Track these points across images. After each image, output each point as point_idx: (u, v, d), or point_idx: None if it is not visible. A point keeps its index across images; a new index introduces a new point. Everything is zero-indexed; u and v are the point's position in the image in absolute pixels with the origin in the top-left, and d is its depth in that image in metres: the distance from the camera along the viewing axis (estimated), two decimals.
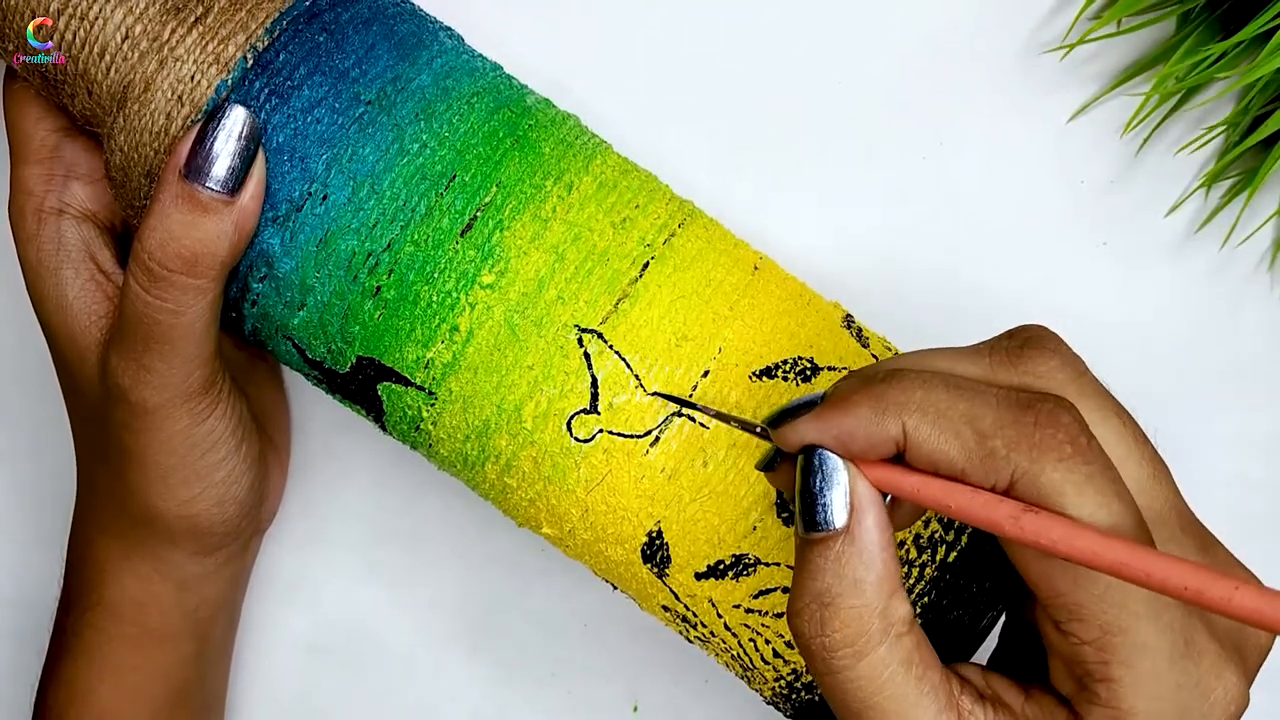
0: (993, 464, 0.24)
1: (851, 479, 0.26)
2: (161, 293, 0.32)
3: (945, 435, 0.25)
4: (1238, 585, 0.22)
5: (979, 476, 0.25)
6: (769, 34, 0.41)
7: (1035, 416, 0.24)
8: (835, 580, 0.26)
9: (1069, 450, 0.24)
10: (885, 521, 0.26)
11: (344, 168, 0.32)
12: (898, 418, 0.25)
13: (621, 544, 0.33)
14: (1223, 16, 0.38)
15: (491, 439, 0.33)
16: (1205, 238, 0.41)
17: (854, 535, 0.26)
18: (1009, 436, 0.24)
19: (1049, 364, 0.27)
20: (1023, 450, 0.24)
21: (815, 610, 0.26)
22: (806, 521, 0.26)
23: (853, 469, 0.26)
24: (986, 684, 0.28)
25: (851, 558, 0.26)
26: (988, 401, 0.25)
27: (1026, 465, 0.24)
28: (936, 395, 0.25)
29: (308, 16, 0.32)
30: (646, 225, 0.33)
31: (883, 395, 0.25)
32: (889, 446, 0.26)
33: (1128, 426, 0.27)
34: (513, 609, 0.45)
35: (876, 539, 0.26)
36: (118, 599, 0.40)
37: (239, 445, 0.38)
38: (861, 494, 0.26)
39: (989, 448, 0.24)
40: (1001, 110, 0.41)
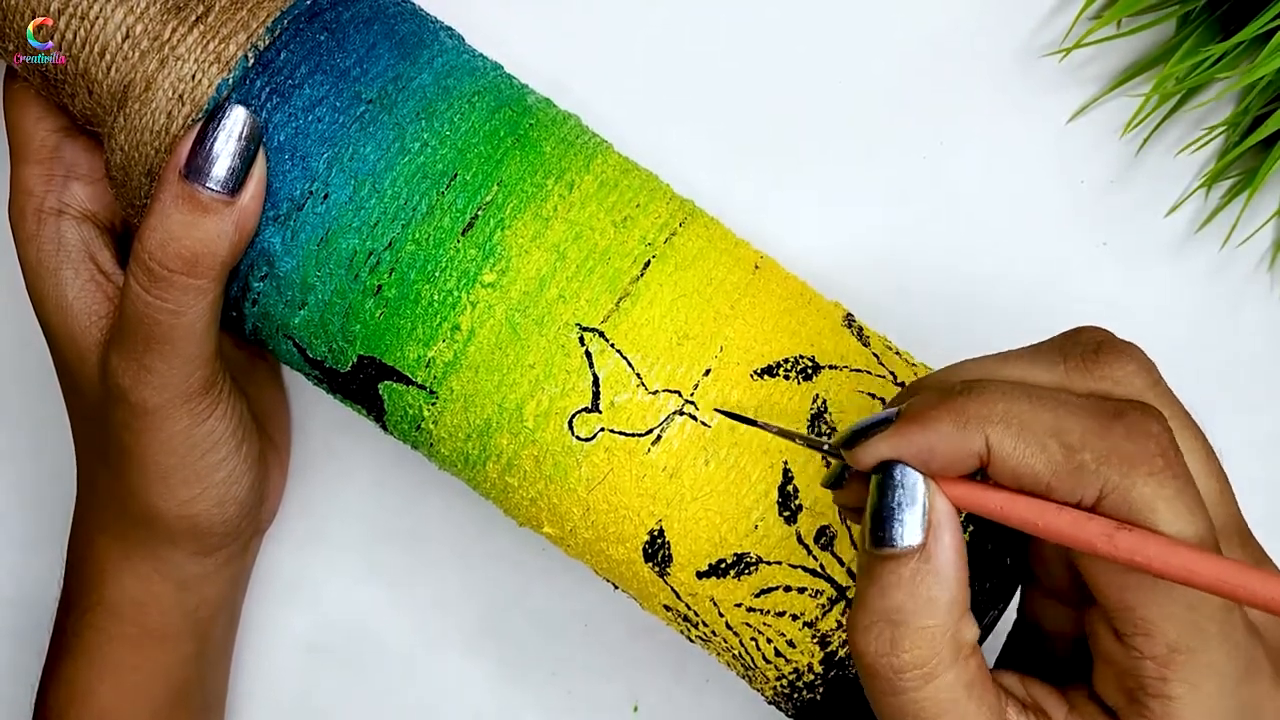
0: (1081, 478, 0.24)
1: (931, 496, 0.25)
2: (162, 293, 0.32)
3: (1031, 449, 0.24)
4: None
5: (1066, 491, 0.24)
6: (770, 34, 0.41)
7: (1125, 427, 0.24)
8: (909, 599, 0.25)
9: (1160, 464, 0.23)
10: (961, 542, 0.25)
11: (345, 166, 0.32)
12: (981, 431, 0.24)
13: (623, 543, 0.33)
14: (1222, 17, 0.38)
15: (493, 438, 0.33)
16: (1205, 238, 0.41)
17: (930, 554, 0.25)
18: (1098, 449, 0.24)
19: (1126, 369, 0.26)
20: (1113, 464, 0.23)
21: (884, 629, 0.25)
22: (877, 538, 0.25)
23: (933, 485, 0.25)
24: (1027, 692, 0.27)
25: (927, 576, 0.25)
26: (1074, 412, 0.24)
27: (1118, 480, 0.23)
28: (1020, 406, 0.24)
29: (309, 15, 0.32)
30: (648, 224, 0.33)
31: (964, 409, 0.25)
32: (972, 462, 0.25)
33: (1199, 440, 0.27)
34: (513, 608, 0.45)
35: (953, 559, 0.25)
36: (118, 599, 0.40)
37: (239, 445, 0.38)
38: (941, 511, 0.25)
39: (1078, 461, 0.24)
40: (1002, 110, 0.41)
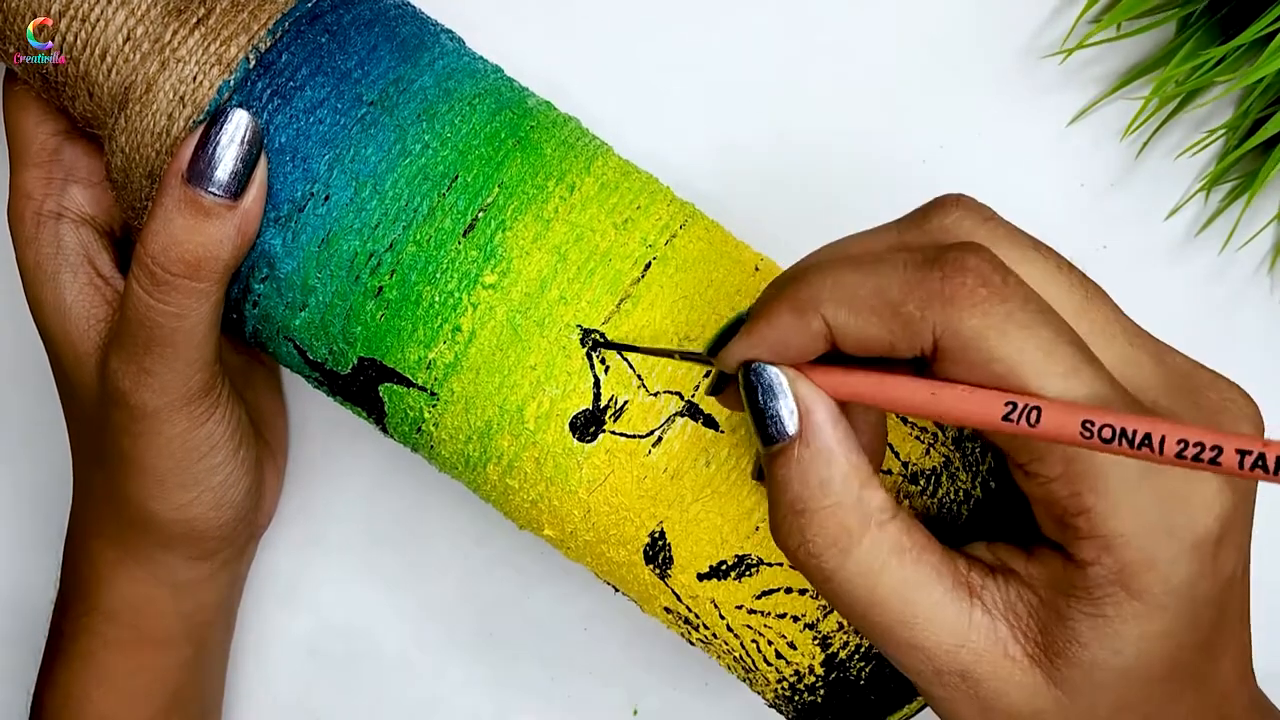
0: (912, 330, 0.24)
1: (792, 383, 0.26)
2: (164, 296, 0.32)
3: (862, 315, 0.24)
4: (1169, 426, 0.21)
5: (907, 346, 0.24)
6: (769, 37, 0.41)
7: (941, 270, 0.24)
8: (801, 487, 0.26)
9: (983, 293, 0.23)
10: (836, 416, 0.26)
11: (346, 168, 0.32)
12: (816, 312, 0.25)
13: (624, 545, 0.33)
14: (1222, 20, 0.38)
15: (494, 440, 0.33)
16: (1205, 241, 0.41)
17: (807, 438, 0.26)
18: (919, 296, 0.24)
19: (952, 215, 0.26)
20: (935, 306, 0.24)
21: (793, 521, 0.26)
22: (762, 437, 0.26)
23: (790, 373, 0.26)
24: (994, 556, 0.27)
25: (811, 460, 0.26)
26: (894, 269, 0.24)
27: (944, 320, 0.24)
28: (845, 278, 0.25)
29: (310, 18, 0.32)
30: (648, 226, 0.33)
31: (797, 295, 0.25)
32: (820, 343, 0.25)
33: (1049, 258, 0.26)
34: (513, 612, 0.45)
35: (830, 434, 0.26)
36: (114, 603, 0.40)
37: (237, 449, 0.38)
38: (805, 396, 0.26)
39: (904, 315, 0.24)
40: (1002, 113, 0.41)
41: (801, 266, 0.26)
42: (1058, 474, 0.24)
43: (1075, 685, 0.25)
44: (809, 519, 0.26)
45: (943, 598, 0.26)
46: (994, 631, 0.26)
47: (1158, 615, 0.24)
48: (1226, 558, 0.25)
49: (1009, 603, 0.26)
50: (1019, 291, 0.24)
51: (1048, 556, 0.26)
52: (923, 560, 0.26)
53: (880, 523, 0.26)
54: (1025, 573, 0.26)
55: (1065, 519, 0.25)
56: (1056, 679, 0.25)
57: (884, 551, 0.26)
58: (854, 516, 0.26)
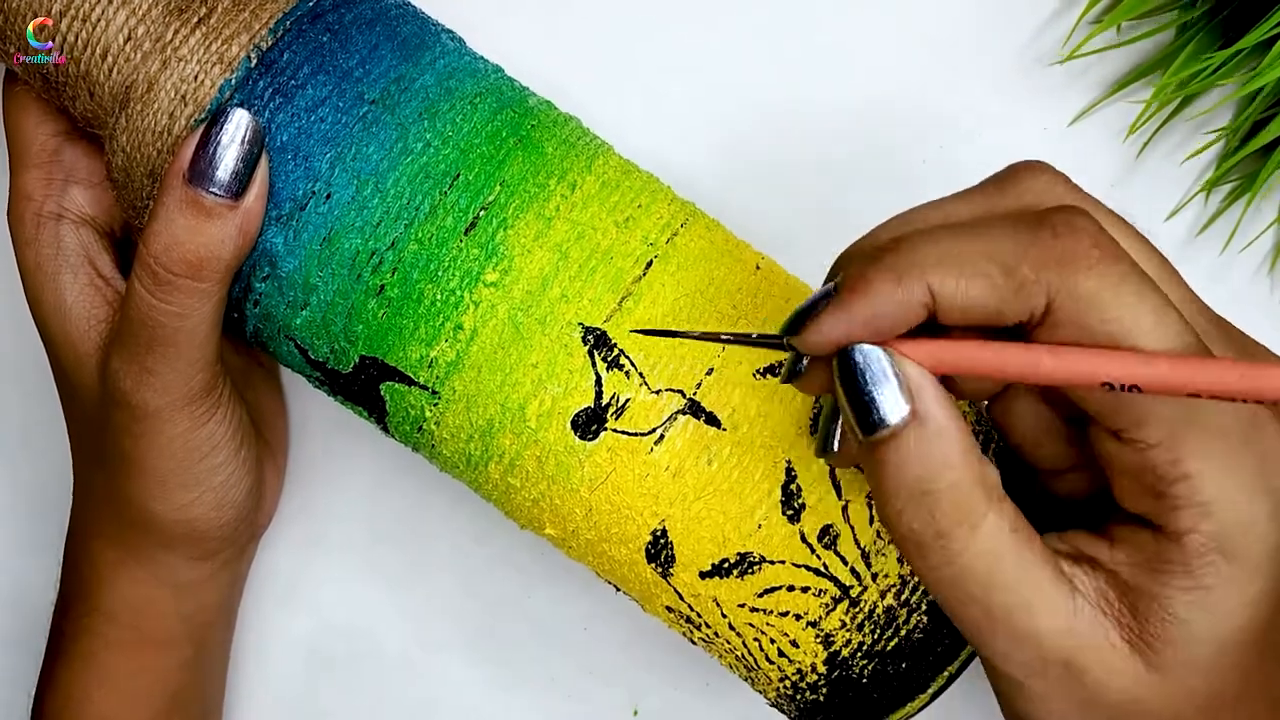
0: (1026, 293, 0.23)
1: (899, 363, 0.25)
2: (166, 296, 0.32)
3: (971, 280, 0.24)
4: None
5: (1017, 310, 0.24)
6: (770, 38, 0.41)
7: (1052, 230, 0.23)
8: (923, 467, 0.24)
9: (1096, 254, 0.23)
10: (945, 395, 0.25)
11: (348, 166, 0.32)
12: (920, 280, 0.24)
13: (625, 543, 0.33)
14: (1223, 24, 0.38)
15: (495, 438, 0.33)
16: (1205, 242, 0.41)
17: (924, 417, 0.24)
18: (1034, 258, 0.23)
19: (1040, 180, 0.26)
20: (1051, 268, 0.23)
21: (916, 503, 0.25)
22: (867, 425, 0.25)
23: (894, 353, 0.25)
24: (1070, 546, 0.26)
25: (931, 438, 0.24)
26: (1002, 231, 0.24)
27: (1059, 282, 0.23)
28: (949, 245, 0.24)
29: (311, 17, 0.32)
30: (649, 224, 0.33)
31: (896, 264, 0.24)
32: (920, 313, 0.24)
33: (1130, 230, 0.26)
34: (513, 612, 0.45)
35: (946, 412, 0.25)
36: (114, 604, 0.40)
37: (238, 450, 0.38)
38: (913, 373, 0.25)
39: (1019, 277, 0.23)
40: (1003, 114, 0.41)
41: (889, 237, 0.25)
42: (1160, 439, 0.24)
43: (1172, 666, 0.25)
44: (936, 499, 0.25)
45: (1051, 583, 0.25)
46: (1093, 619, 0.25)
47: (1256, 579, 0.24)
48: None
49: (1100, 589, 0.25)
50: (1128, 256, 0.23)
51: (1131, 535, 0.25)
52: (1033, 542, 0.25)
53: (1000, 498, 0.25)
54: (1108, 559, 0.25)
55: (1161, 487, 0.24)
56: (1153, 662, 0.25)
57: (1005, 530, 0.25)
58: (978, 492, 0.25)
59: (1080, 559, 0.26)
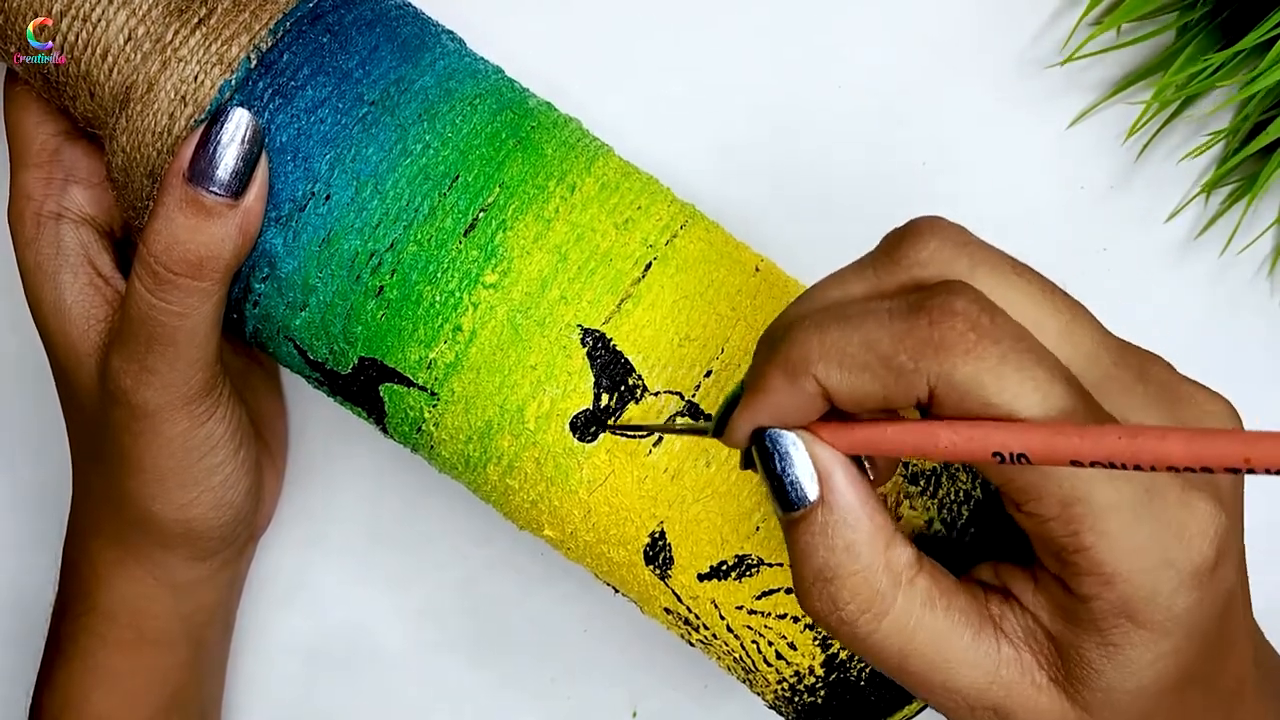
0: (907, 381, 0.23)
1: (808, 446, 0.25)
2: (166, 295, 0.32)
3: (854, 372, 0.24)
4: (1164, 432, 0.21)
5: (902, 398, 0.24)
6: (770, 40, 0.41)
7: (928, 316, 0.23)
8: (828, 553, 0.25)
9: (972, 338, 0.23)
10: (855, 475, 0.25)
11: (347, 167, 0.32)
12: (808, 374, 0.24)
13: (624, 545, 0.33)
14: (1222, 25, 0.38)
15: (494, 440, 0.33)
16: (1205, 244, 0.41)
17: (830, 503, 0.25)
18: (910, 347, 0.23)
19: (928, 247, 0.25)
20: (928, 355, 0.23)
21: (822, 588, 0.25)
22: (782, 504, 0.26)
23: (806, 437, 0.25)
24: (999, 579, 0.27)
25: (836, 525, 0.25)
26: (880, 320, 0.24)
27: (937, 369, 0.23)
28: (831, 335, 0.24)
29: (311, 18, 0.32)
30: (649, 226, 0.33)
31: (786, 359, 0.25)
32: (818, 403, 0.25)
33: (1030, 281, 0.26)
34: (512, 614, 0.45)
35: (853, 497, 0.25)
36: (113, 604, 0.40)
37: (237, 450, 0.38)
38: (823, 458, 0.25)
39: (897, 367, 0.23)
40: (1002, 116, 0.41)
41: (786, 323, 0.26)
42: (1055, 514, 0.24)
43: (1096, 706, 0.25)
44: (839, 585, 0.25)
45: (971, 640, 0.26)
46: (1019, 662, 0.26)
47: (1164, 639, 0.24)
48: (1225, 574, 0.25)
49: (1028, 629, 0.26)
50: (1008, 331, 0.23)
51: (1050, 586, 0.26)
52: (951, 607, 0.26)
53: (909, 579, 0.25)
54: (1032, 604, 0.26)
55: (1064, 556, 0.24)
56: (1079, 700, 0.25)
57: (916, 607, 0.25)
58: (885, 578, 0.25)
59: (1010, 597, 0.26)
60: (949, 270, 0.25)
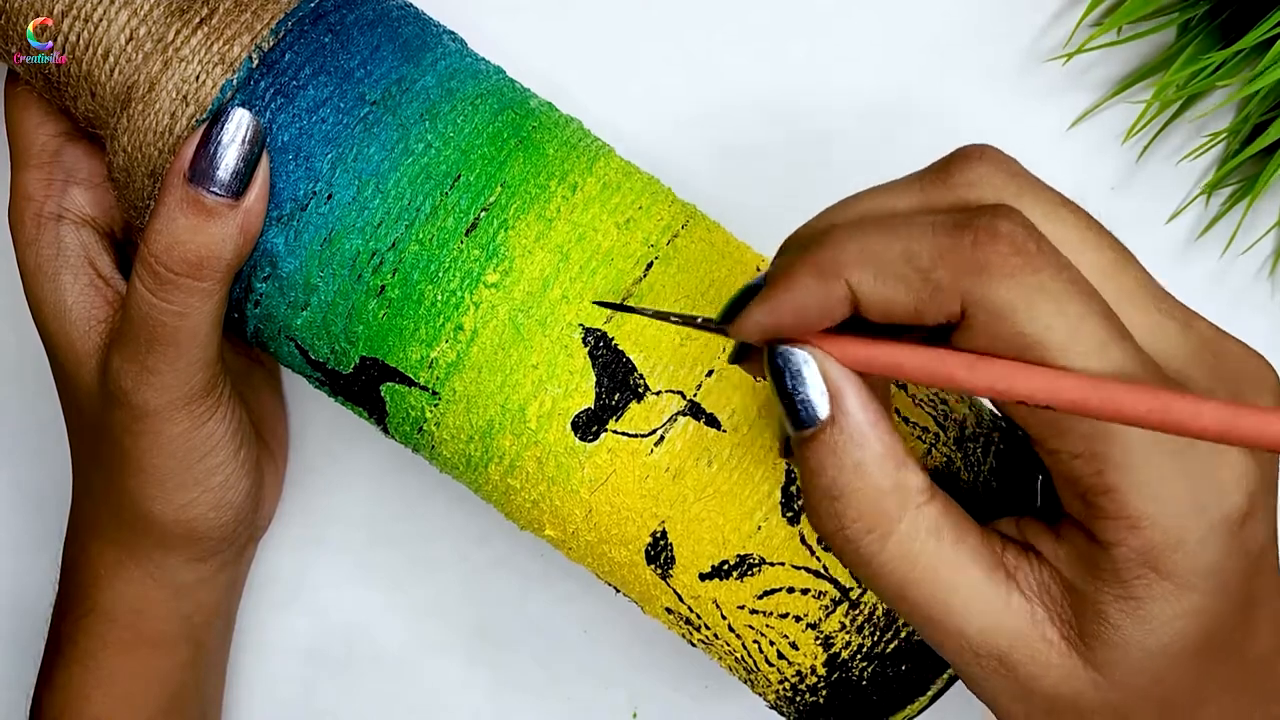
0: (941, 297, 0.23)
1: (821, 364, 0.25)
2: (167, 295, 0.32)
3: (889, 281, 0.24)
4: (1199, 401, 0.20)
5: (934, 314, 0.23)
6: (772, 39, 0.41)
7: (973, 235, 0.23)
8: (837, 471, 0.25)
9: (1015, 262, 0.23)
10: (868, 398, 0.25)
11: (349, 167, 0.32)
12: (839, 277, 0.24)
13: (625, 545, 0.33)
14: (1223, 25, 0.38)
15: (495, 439, 0.33)
16: (1205, 245, 0.41)
17: (840, 422, 0.25)
18: (951, 263, 0.23)
19: (978, 170, 0.25)
20: (966, 274, 0.23)
21: (829, 505, 0.25)
22: (793, 422, 0.25)
23: (819, 354, 0.25)
24: (1021, 533, 0.26)
25: (845, 444, 0.25)
26: (924, 232, 0.23)
27: (973, 289, 0.23)
28: (871, 242, 0.24)
29: (313, 18, 0.32)
30: (650, 226, 0.33)
31: (819, 259, 0.24)
32: (844, 308, 0.24)
33: (1079, 216, 0.25)
34: (513, 614, 0.45)
35: (864, 418, 0.25)
36: (112, 605, 0.40)
37: (237, 450, 0.38)
38: (835, 377, 0.25)
39: (934, 281, 0.23)
40: (1002, 116, 0.41)
41: (821, 226, 0.25)
42: (1080, 451, 0.23)
43: (1111, 665, 0.25)
44: (846, 503, 0.25)
45: (980, 580, 0.25)
46: (1030, 615, 0.25)
47: (1188, 594, 0.24)
48: (1256, 531, 0.24)
49: (1043, 584, 0.25)
50: (1052, 260, 0.23)
51: (1073, 535, 0.25)
52: (962, 542, 0.25)
53: (919, 505, 0.25)
54: (1052, 554, 0.25)
55: (1089, 497, 0.24)
56: (1092, 660, 0.25)
57: (922, 534, 0.25)
58: (891, 499, 0.25)
59: (1029, 550, 0.26)
60: (998, 195, 0.25)
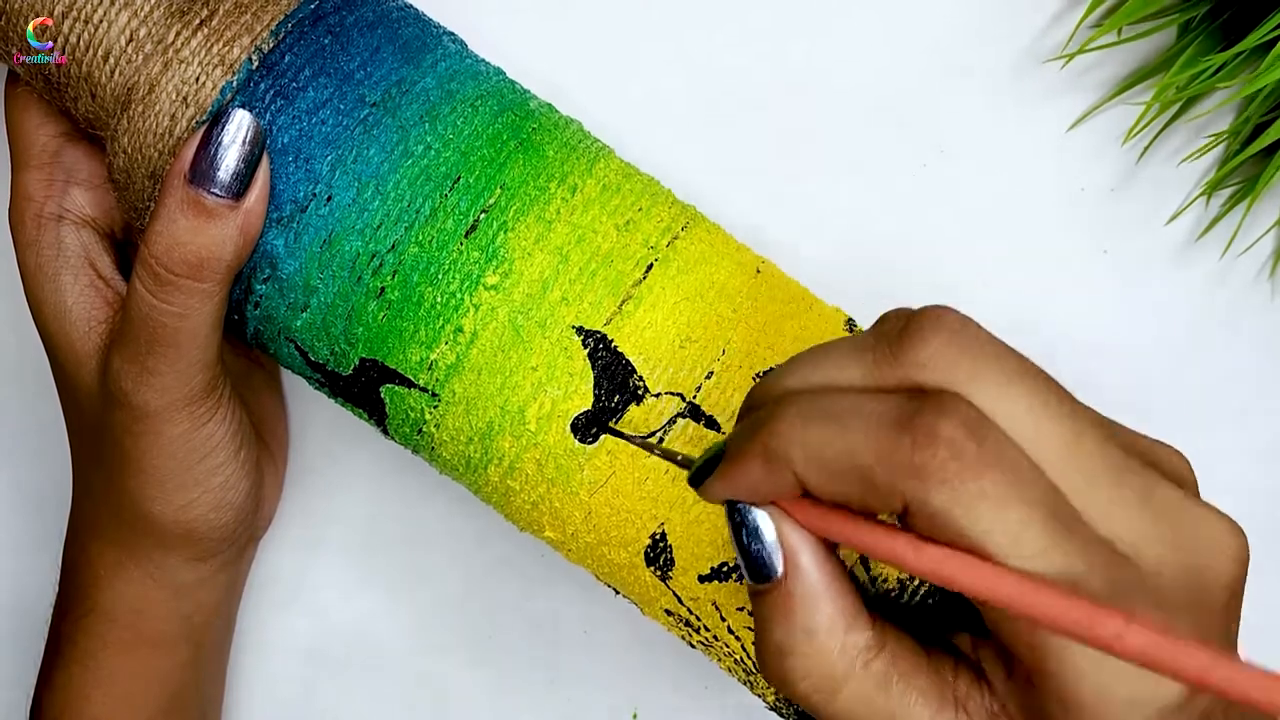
0: (882, 496, 0.23)
1: (777, 524, 0.26)
2: (167, 296, 0.32)
3: (831, 478, 0.24)
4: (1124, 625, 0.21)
5: (879, 508, 0.24)
6: (770, 41, 0.41)
7: (912, 436, 0.23)
8: (786, 632, 0.25)
9: (953, 468, 0.22)
10: (823, 556, 0.26)
11: (349, 169, 0.32)
12: (786, 467, 0.24)
13: (625, 547, 0.33)
14: (1223, 26, 0.38)
15: (495, 441, 0.33)
16: (1206, 246, 0.41)
17: (790, 586, 0.25)
18: (889, 466, 0.23)
19: (929, 348, 0.24)
20: (906, 478, 0.23)
21: (778, 661, 0.26)
22: (750, 574, 0.26)
23: (776, 514, 0.26)
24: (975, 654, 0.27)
25: (796, 606, 0.25)
26: (865, 427, 0.23)
27: (912, 493, 0.23)
28: (815, 435, 0.24)
29: (313, 19, 0.32)
30: (650, 228, 0.33)
31: (767, 445, 0.25)
32: (795, 490, 0.25)
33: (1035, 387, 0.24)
34: (512, 615, 0.45)
35: (816, 580, 0.25)
36: (112, 605, 0.40)
37: (237, 451, 0.38)
38: (790, 539, 0.25)
39: (874, 482, 0.23)
40: (1002, 118, 0.41)
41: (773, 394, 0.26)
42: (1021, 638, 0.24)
43: None
44: (794, 662, 0.25)
45: None
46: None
47: None
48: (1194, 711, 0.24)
49: (993, 713, 0.26)
50: (994, 461, 0.23)
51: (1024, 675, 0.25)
52: (910, 687, 0.25)
53: (865, 663, 0.25)
54: (1003, 690, 0.26)
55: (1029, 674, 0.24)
56: None
57: (870, 689, 0.25)
58: (840, 662, 0.25)
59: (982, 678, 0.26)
60: (949, 376, 0.24)
